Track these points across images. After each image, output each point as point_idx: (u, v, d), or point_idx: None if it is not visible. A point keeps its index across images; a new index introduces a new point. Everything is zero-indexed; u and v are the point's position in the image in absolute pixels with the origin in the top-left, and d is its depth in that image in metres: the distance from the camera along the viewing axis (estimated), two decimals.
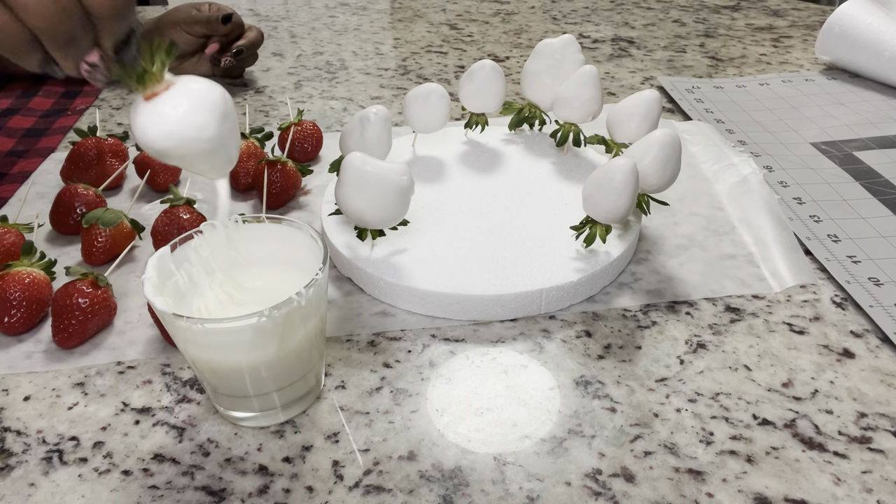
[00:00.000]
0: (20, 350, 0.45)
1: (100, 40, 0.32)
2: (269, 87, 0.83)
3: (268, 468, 0.38)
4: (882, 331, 0.45)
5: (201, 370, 0.38)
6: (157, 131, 0.32)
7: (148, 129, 0.32)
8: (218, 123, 0.33)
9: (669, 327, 0.47)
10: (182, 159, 0.33)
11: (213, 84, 0.33)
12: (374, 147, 0.51)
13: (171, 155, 0.33)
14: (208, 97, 0.32)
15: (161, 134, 0.32)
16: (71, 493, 0.37)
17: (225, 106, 0.33)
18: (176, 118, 0.32)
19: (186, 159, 0.33)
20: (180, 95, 0.32)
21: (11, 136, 0.72)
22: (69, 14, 0.31)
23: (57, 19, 0.30)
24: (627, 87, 0.82)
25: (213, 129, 0.32)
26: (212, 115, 0.32)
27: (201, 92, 0.32)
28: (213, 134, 0.32)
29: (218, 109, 0.33)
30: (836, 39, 0.81)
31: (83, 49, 0.32)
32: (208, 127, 0.32)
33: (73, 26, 0.31)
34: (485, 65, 0.59)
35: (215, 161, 0.34)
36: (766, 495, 0.36)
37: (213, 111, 0.32)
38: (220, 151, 0.34)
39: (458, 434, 0.39)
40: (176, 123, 0.32)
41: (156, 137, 0.32)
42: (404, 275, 0.47)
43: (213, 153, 0.33)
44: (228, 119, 0.33)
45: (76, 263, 0.52)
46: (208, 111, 0.32)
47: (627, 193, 0.45)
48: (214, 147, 0.33)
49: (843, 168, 0.63)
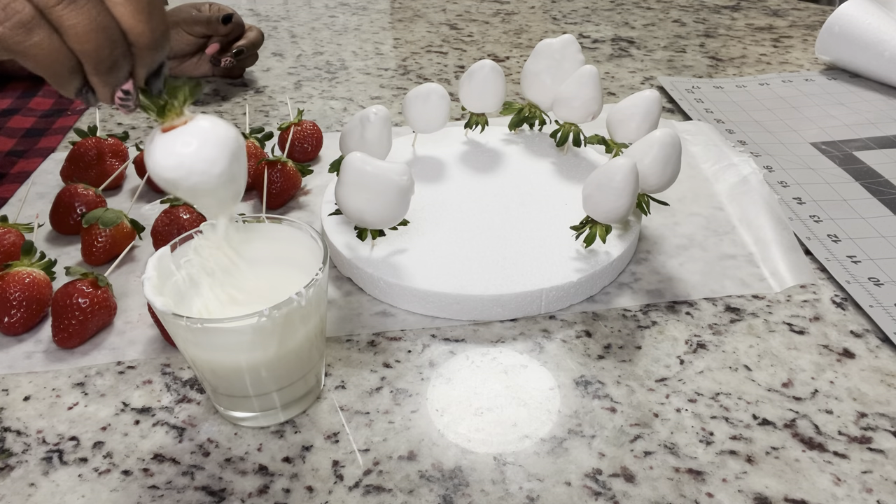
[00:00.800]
0: (20, 350, 0.45)
1: (135, 69, 0.34)
2: (269, 87, 0.83)
3: (268, 468, 0.38)
4: (882, 331, 0.45)
5: (201, 370, 0.38)
6: (168, 161, 0.34)
7: (161, 158, 0.34)
8: (228, 161, 0.34)
9: (669, 327, 0.47)
10: (190, 191, 0.35)
11: (227, 124, 0.35)
12: (374, 147, 0.51)
13: (181, 186, 0.34)
14: (222, 136, 0.34)
15: (172, 164, 0.34)
16: (71, 493, 0.37)
17: (237, 145, 0.35)
18: (189, 152, 0.34)
19: (195, 192, 0.35)
20: (196, 131, 0.34)
21: (11, 136, 0.72)
22: (114, 42, 0.32)
23: (103, 46, 0.31)
24: (627, 87, 0.82)
25: (222, 166, 0.34)
26: (222, 153, 0.34)
27: (216, 130, 0.34)
28: (222, 170, 0.34)
29: (229, 148, 0.35)
30: (836, 39, 0.81)
31: (121, 78, 0.33)
32: (218, 163, 0.34)
33: (116, 54, 0.32)
34: (485, 65, 0.59)
35: (222, 197, 0.36)
36: (766, 495, 0.36)
37: (225, 149, 0.34)
38: (228, 188, 0.36)
39: (458, 434, 0.39)
40: (188, 157, 0.34)
41: (167, 167, 0.34)
42: (404, 275, 0.47)
43: (220, 189, 0.35)
44: (239, 158, 0.35)
45: (76, 263, 0.52)
46: (220, 148, 0.34)
47: (627, 193, 0.45)
48: (222, 183, 0.35)
49: (843, 168, 0.63)
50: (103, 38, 0.31)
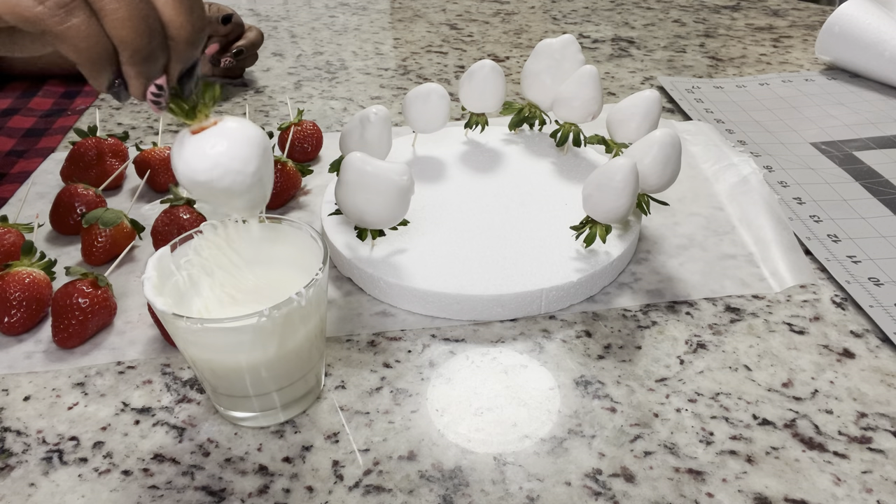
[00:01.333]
0: (20, 350, 0.45)
1: (170, 65, 0.33)
2: (269, 87, 0.83)
3: (268, 468, 0.38)
4: (882, 331, 0.45)
5: (201, 370, 0.38)
6: (202, 163, 0.33)
7: (193, 160, 0.34)
8: (260, 159, 0.35)
9: (669, 327, 0.47)
10: (225, 192, 0.35)
11: (253, 124, 0.35)
12: (374, 147, 0.51)
13: (216, 187, 0.34)
14: (252, 135, 0.34)
15: (206, 165, 0.33)
16: (71, 493, 0.37)
17: (266, 144, 0.35)
18: (222, 151, 0.33)
19: (230, 193, 0.35)
20: (226, 131, 0.34)
21: (11, 136, 0.72)
22: (154, 31, 0.32)
23: (142, 34, 0.31)
24: (627, 87, 0.82)
25: (256, 164, 0.34)
26: (254, 151, 0.34)
27: (245, 130, 0.34)
28: (255, 168, 0.34)
29: (260, 146, 0.35)
30: (836, 39, 0.81)
31: (156, 71, 0.33)
32: (252, 161, 0.34)
33: (154, 44, 0.32)
34: (485, 65, 0.59)
35: (253, 197, 0.36)
36: (766, 495, 0.36)
37: (257, 147, 0.34)
38: (259, 187, 0.36)
39: (458, 434, 0.39)
40: (223, 156, 0.33)
41: (201, 168, 0.33)
42: (404, 275, 0.47)
43: (254, 188, 0.35)
44: (268, 158, 0.36)
45: (76, 263, 0.52)
46: (252, 147, 0.34)
47: (627, 193, 0.45)
48: (255, 182, 0.35)
49: (843, 168, 0.63)
50: (143, 26, 0.31)
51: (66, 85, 0.82)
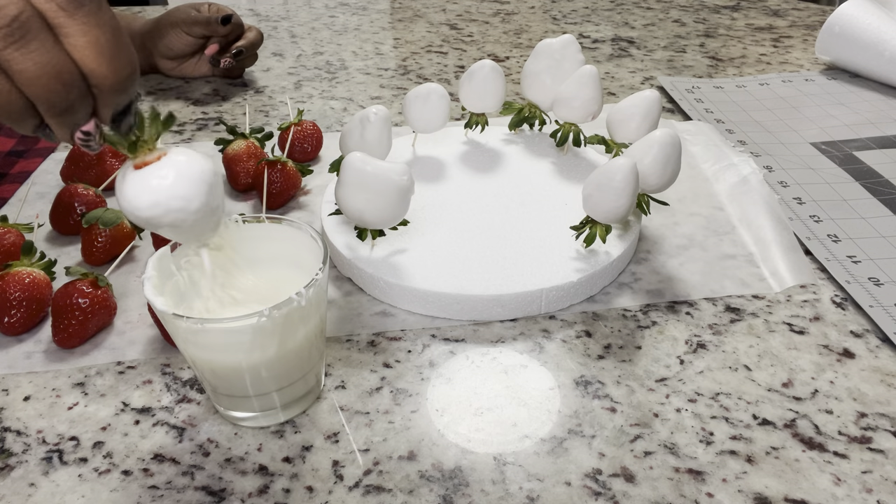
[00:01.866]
0: (20, 350, 0.45)
1: (98, 110, 0.32)
2: (269, 87, 0.83)
3: (268, 468, 0.38)
4: (882, 331, 0.45)
5: (201, 370, 0.38)
6: (143, 200, 0.32)
7: (134, 197, 0.32)
8: (205, 196, 0.33)
9: (669, 327, 0.47)
10: (169, 228, 0.34)
11: (202, 157, 0.34)
12: (374, 147, 0.51)
13: (158, 224, 0.33)
14: (197, 170, 0.33)
15: (147, 203, 0.32)
16: (71, 493, 0.37)
17: (213, 178, 0.34)
18: (163, 188, 0.32)
19: (173, 229, 0.34)
20: (169, 167, 0.32)
21: (11, 136, 0.72)
22: (69, 86, 0.30)
23: (55, 90, 0.29)
24: (627, 87, 0.82)
25: (199, 202, 0.33)
26: (199, 188, 0.33)
27: (190, 164, 0.33)
28: (199, 206, 0.33)
29: (206, 183, 0.33)
30: (836, 39, 0.81)
31: (80, 119, 0.31)
32: (195, 199, 0.33)
33: (71, 98, 0.30)
34: (485, 65, 0.59)
35: (200, 231, 0.35)
36: (766, 495, 0.36)
37: (202, 183, 0.33)
38: (206, 223, 0.34)
39: (458, 434, 0.39)
40: (163, 193, 0.32)
41: (142, 206, 0.32)
42: (404, 275, 0.47)
43: (197, 224, 0.34)
44: (215, 192, 0.34)
45: (76, 263, 0.52)
46: (195, 184, 0.33)
47: (627, 193, 0.45)
48: (200, 219, 0.34)
49: (843, 168, 0.63)
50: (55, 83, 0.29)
51: None
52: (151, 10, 1.12)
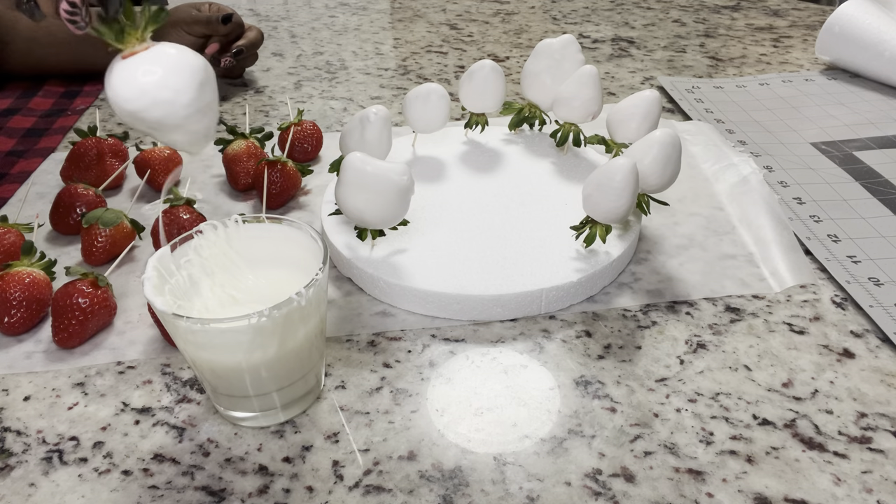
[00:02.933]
0: (20, 350, 0.45)
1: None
2: (269, 87, 0.83)
3: (268, 468, 0.38)
4: (882, 331, 0.45)
5: (201, 370, 0.38)
6: (129, 91, 0.30)
7: (121, 88, 0.30)
8: (195, 91, 0.31)
9: (669, 327, 0.47)
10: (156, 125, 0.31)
11: (193, 52, 0.32)
12: (374, 147, 0.51)
13: (144, 119, 0.31)
14: (188, 63, 0.31)
15: (133, 94, 0.30)
16: (71, 493, 0.37)
17: (205, 74, 0.32)
18: (152, 80, 0.30)
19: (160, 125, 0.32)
20: (159, 56, 0.31)
21: (11, 136, 0.72)
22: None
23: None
24: (627, 87, 0.82)
25: (189, 96, 0.31)
26: (190, 80, 0.31)
27: (181, 56, 0.31)
28: (189, 100, 0.31)
29: (197, 76, 0.31)
30: (836, 39, 0.81)
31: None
32: (185, 92, 0.31)
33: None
34: (485, 65, 0.59)
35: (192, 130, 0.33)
36: (766, 495, 0.36)
37: (192, 77, 0.31)
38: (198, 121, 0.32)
39: (458, 434, 0.39)
40: (151, 84, 0.30)
41: (128, 97, 0.30)
42: (404, 275, 0.47)
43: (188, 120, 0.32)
44: (207, 88, 0.32)
45: (76, 263, 0.52)
46: (187, 75, 0.31)
47: (627, 193, 0.45)
48: (190, 114, 0.32)
49: (843, 168, 0.63)
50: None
51: (66, 85, 0.82)
52: None
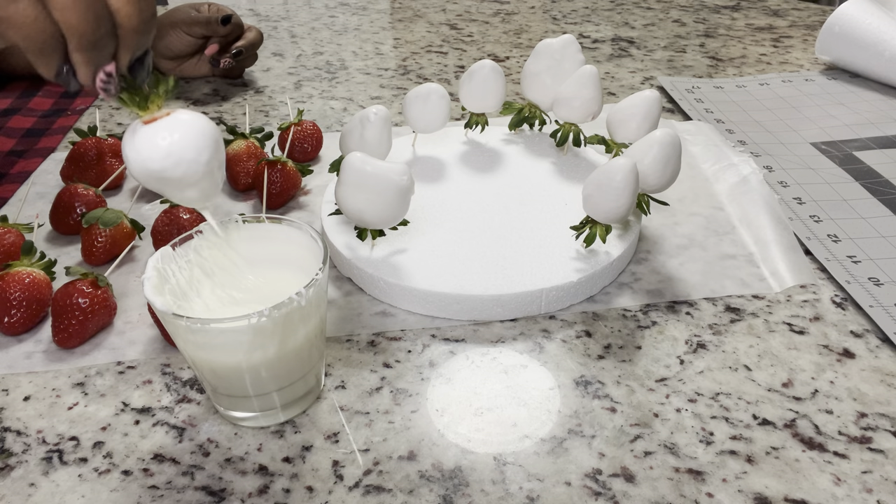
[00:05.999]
0: (20, 350, 0.45)
1: (118, 52, 0.33)
2: (269, 87, 0.83)
3: (268, 468, 0.38)
4: (882, 331, 0.45)
5: (201, 370, 0.38)
6: (155, 153, 0.33)
7: (145, 150, 0.34)
8: (212, 151, 0.35)
9: (669, 327, 0.47)
10: (177, 182, 0.35)
11: (205, 117, 0.36)
12: (374, 147, 0.51)
13: (169, 176, 0.34)
14: (204, 126, 0.35)
15: (159, 155, 0.33)
16: (71, 493, 0.37)
17: (217, 135, 0.36)
18: (175, 141, 0.34)
19: (182, 183, 0.35)
20: (179, 122, 0.34)
21: (11, 136, 0.72)
22: (100, 18, 0.31)
23: (88, 20, 0.31)
24: (627, 87, 0.82)
25: (209, 154, 0.35)
26: (207, 142, 0.35)
27: (197, 121, 0.35)
28: (208, 158, 0.35)
29: (212, 138, 0.35)
30: (836, 39, 0.81)
31: (104, 57, 0.33)
32: (204, 151, 0.34)
33: (101, 30, 0.32)
34: (485, 65, 0.59)
35: (206, 187, 0.36)
36: (766, 495, 0.36)
37: (209, 139, 0.35)
38: (211, 178, 0.36)
39: (458, 434, 0.39)
40: (176, 146, 0.34)
41: (154, 158, 0.34)
42: (404, 275, 0.47)
43: (205, 178, 0.35)
44: (220, 148, 0.36)
45: (76, 263, 0.52)
46: (204, 138, 0.35)
47: (627, 193, 0.45)
48: (207, 172, 0.35)
49: (843, 168, 0.63)
50: (89, 13, 0.31)
51: None
52: None
